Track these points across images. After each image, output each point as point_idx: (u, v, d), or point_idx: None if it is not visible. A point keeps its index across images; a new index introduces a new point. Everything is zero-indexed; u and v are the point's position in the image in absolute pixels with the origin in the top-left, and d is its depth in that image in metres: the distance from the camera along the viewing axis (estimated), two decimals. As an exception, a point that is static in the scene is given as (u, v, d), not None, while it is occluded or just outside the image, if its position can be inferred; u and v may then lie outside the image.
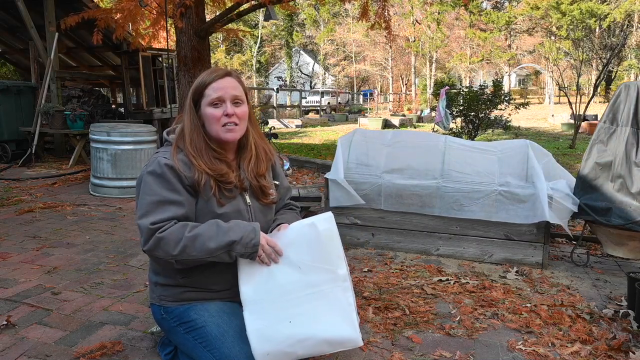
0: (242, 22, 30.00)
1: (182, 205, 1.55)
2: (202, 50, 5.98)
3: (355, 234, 3.58)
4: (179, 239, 1.48)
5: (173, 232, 1.49)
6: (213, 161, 1.61)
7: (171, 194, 1.54)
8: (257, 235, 1.52)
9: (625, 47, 25.26)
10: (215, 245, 1.49)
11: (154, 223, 1.49)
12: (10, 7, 8.74)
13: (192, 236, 1.48)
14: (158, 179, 1.55)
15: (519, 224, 3.18)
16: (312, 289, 1.53)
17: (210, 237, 1.49)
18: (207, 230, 1.50)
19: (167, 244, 1.48)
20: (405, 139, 3.73)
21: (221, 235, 1.50)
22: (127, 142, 5.29)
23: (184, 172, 1.56)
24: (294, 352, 1.50)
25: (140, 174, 1.62)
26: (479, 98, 9.88)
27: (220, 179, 1.60)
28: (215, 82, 1.61)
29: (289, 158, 7.10)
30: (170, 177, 1.55)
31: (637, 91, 2.92)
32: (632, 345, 2.12)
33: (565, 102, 17.04)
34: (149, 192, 1.54)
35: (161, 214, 1.51)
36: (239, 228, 1.52)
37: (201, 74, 1.67)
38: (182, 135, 1.64)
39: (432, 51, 33.06)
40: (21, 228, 3.99)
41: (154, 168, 1.56)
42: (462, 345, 2.16)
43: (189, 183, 1.57)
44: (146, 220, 1.50)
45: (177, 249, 1.48)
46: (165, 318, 1.68)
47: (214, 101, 1.60)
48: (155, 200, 1.53)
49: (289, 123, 18.91)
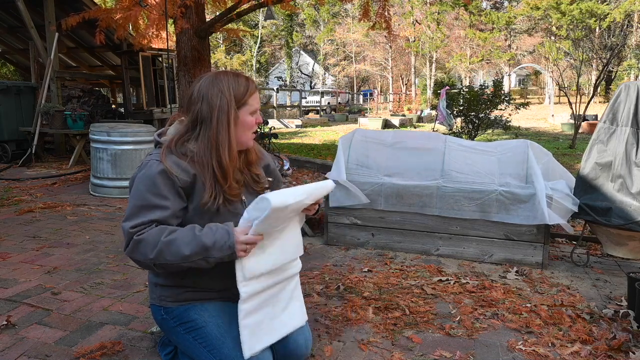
0: (242, 22, 29.98)
1: (167, 210, 1.52)
2: (202, 50, 5.98)
3: (355, 234, 3.59)
4: (156, 242, 1.45)
5: (150, 234, 1.47)
6: (232, 184, 1.60)
7: (156, 198, 1.51)
8: (231, 237, 1.44)
9: (625, 47, 25.27)
10: (188, 252, 1.44)
11: (134, 226, 1.48)
12: (10, 7, 8.75)
13: (167, 241, 1.45)
14: (146, 183, 1.52)
15: (518, 224, 3.18)
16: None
17: (185, 243, 1.45)
18: (183, 236, 1.46)
19: (145, 246, 1.46)
20: (406, 139, 3.73)
21: (194, 241, 1.45)
22: (127, 142, 5.29)
23: (177, 174, 1.53)
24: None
25: (132, 176, 1.61)
26: (479, 98, 9.88)
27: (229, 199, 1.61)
28: (256, 94, 1.66)
29: (289, 158, 7.09)
30: (159, 181, 1.52)
31: (637, 91, 2.92)
32: (632, 345, 2.12)
33: (565, 102, 17.05)
34: (135, 196, 1.53)
35: (143, 217, 1.50)
36: (211, 232, 1.46)
37: (235, 78, 1.63)
38: (215, 147, 1.57)
39: (432, 51, 33.05)
40: (21, 228, 3.99)
41: (145, 171, 1.55)
42: (462, 345, 2.16)
43: (182, 185, 1.54)
44: (128, 224, 1.49)
45: (153, 253, 1.45)
46: (165, 318, 1.68)
47: (254, 110, 1.65)
48: (139, 204, 1.51)
49: (289, 123, 18.91)
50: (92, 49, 10.94)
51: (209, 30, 5.98)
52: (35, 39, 8.11)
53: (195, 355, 1.61)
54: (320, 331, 2.26)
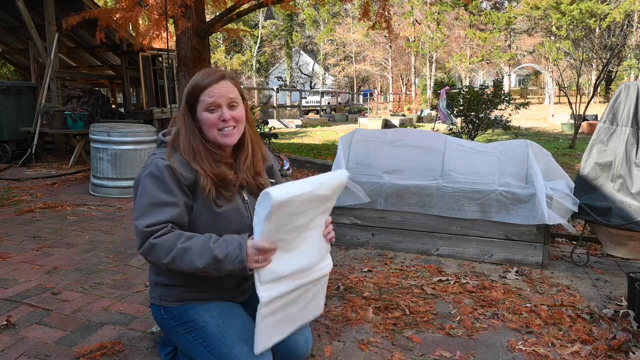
0: (242, 22, 29.98)
1: (177, 206, 1.54)
2: (202, 50, 5.99)
3: (355, 234, 3.58)
4: (171, 248, 1.46)
5: (166, 240, 1.48)
6: (213, 165, 1.61)
7: (167, 195, 1.53)
8: (242, 252, 1.43)
9: (625, 47, 25.26)
10: (202, 265, 1.45)
11: (148, 226, 1.49)
12: (10, 7, 8.74)
13: (182, 248, 1.46)
14: (154, 181, 1.54)
15: (518, 224, 3.18)
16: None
17: (199, 254, 1.45)
18: (197, 247, 1.47)
19: (159, 251, 1.47)
20: (406, 138, 3.73)
21: (207, 252, 1.45)
22: (127, 142, 5.29)
23: (181, 172, 1.56)
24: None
25: (137, 176, 1.62)
26: (479, 98, 9.88)
27: (220, 183, 1.60)
28: (211, 87, 1.59)
29: (289, 158, 7.10)
30: (167, 178, 1.54)
31: (637, 91, 2.92)
32: (632, 345, 2.12)
33: (565, 102, 17.05)
34: (145, 194, 1.54)
35: (156, 215, 1.51)
36: (225, 244, 1.46)
37: (195, 76, 1.64)
38: (178, 139, 1.63)
39: (432, 51, 33.05)
40: (21, 228, 3.99)
41: (151, 170, 1.56)
42: (462, 345, 2.16)
43: (187, 183, 1.57)
44: (141, 222, 1.50)
45: (167, 258, 1.47)
46: (165, 318, 1.68)
47: (209, 107, 1.59)
48: (150, 202, 1.52)
49: (289, 123, 18.90)
50: (92, 49, 10.93)
51: (209, 30, 5.98)
52: (35, 39, 8.11)
53: (195, 355, 1.61)
54: (320, 331, 2.26)
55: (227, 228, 1.60)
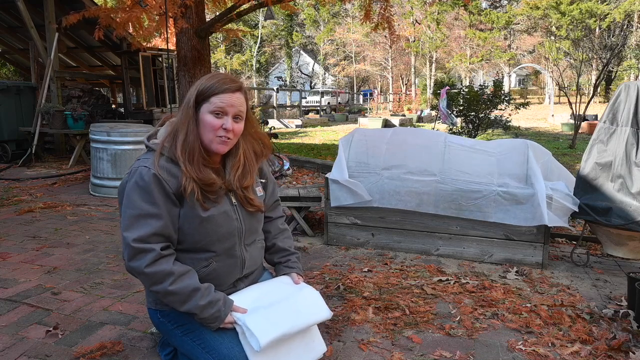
0: (242, 22, 29.99)
1: (161, 218, 1.53)
2: (202, 50, 5.98)
3: (355, 234, 3.58)
4: (159, 284, 1.52)
5: (157, 274, 1.51)
6: (202, 169, 1.58)
7: (151, 207, 1.52)
8: (218, 321, 1.56)
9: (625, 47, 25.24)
10: (183, 310, 1.56)
11: (135, 240, 1.50)
12: (10, 7, 8.74)
13: (170, 291, 1.52)
14: (139, 191, 1.53)
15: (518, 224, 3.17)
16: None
17: (182, 301, 1.54)
18: (183, 295, 1.53)
19: (145, 280, 1.55)
20: (405, 137, 3.72)
21: (190, 303, 1.54)
22: (127, 142, 5.30)
23: (167, 179, 1.54)
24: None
25: (122, 182, 1.61)
26: (479, 98, 9.88)
27: (206, 188, 1.59)
28: (225, 94, 1.57)
29: (289, 158, 7.10)
30: (151, 188, 1.52)
31: (637, 91, 2.92)
32: (632, 345, 2.12)
33: (565, 102, 17.04)
34: (130, 205, 1.53)
35: (142, 228, 1.51)
36: (209, 306, 1.55)
37: (211, 77, 1.61)
38: (174, 137, 1.59)
39: (432, 51, 33.06)
40: (21, 228, 3.99)
41: (135, 179, 1.54)
42: (462, 345, 2.16)
43: (174, 190, 1.55)
44: (129, 235, 1.51)
45: (153, 288, 1.54)
46: (162, 321, 1.69)
47: (216, 110, 1.57)
48: (135, 214, 1.52)
49: (289, 123, 18.90)
50: (92, 49, 10.94)
51: (209, 30, 5.98)
52: (35, 39, 8.11)
53: (193, 357, 1.61)
54: (320, 331, 2.25)
55: (215, 232, 1.61)
